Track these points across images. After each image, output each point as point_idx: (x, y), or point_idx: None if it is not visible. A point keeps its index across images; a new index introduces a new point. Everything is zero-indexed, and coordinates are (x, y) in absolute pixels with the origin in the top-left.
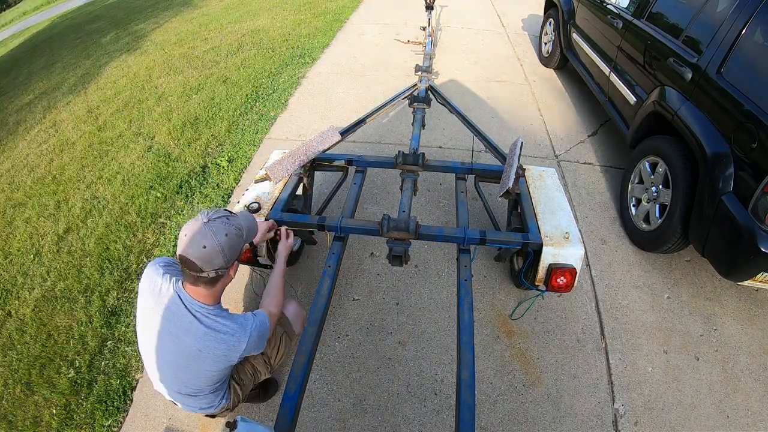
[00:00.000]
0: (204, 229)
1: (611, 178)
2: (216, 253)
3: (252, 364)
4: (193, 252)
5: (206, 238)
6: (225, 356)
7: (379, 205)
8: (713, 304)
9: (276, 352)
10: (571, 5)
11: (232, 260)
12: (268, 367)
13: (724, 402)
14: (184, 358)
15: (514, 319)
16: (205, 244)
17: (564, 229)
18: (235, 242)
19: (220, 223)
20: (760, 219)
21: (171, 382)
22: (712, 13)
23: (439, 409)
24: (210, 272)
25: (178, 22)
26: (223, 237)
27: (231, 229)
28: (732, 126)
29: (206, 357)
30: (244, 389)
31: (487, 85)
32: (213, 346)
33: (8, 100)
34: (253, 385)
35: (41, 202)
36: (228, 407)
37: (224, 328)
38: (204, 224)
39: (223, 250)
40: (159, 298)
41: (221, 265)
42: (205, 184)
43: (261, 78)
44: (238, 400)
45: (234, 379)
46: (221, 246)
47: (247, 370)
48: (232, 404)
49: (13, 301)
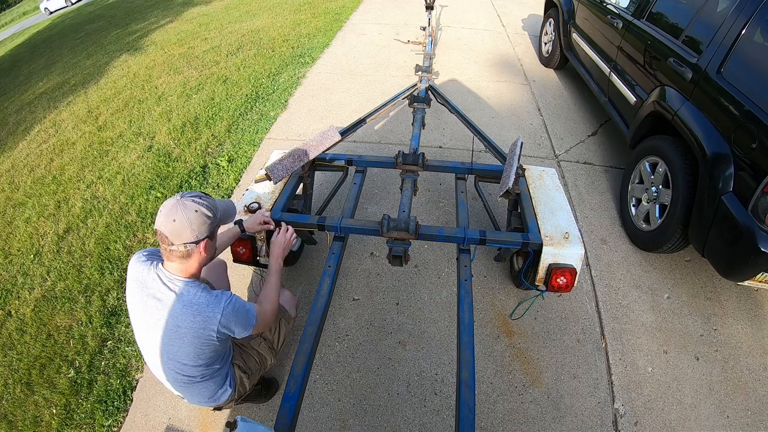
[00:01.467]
0: (176, 205)
1: (611, 178)
2: (184, 227)
3: (257, 350)
4: (164, 225)
5: (177, 213)
6: (202, 329)
7: (379, 205)
8: (713, 304)
9: (278, 336)
10: (571, 5)
11: (201, 236)
12: (273, 352)
13: (724, 402)
14: (168, 338)
15: (514, 319)
16: (175, 218)
17: (564, 229)
18: (204, 220)
19: (191, 200)
20: (760, 219)
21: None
22: (712, 13)
23: (439, 409)
24: (179, 246)
25: (178, 22)
26: (192, 213)
27: (201, 207)
28: (732, 126)
29: (185, 333)
30: (251, 378)
31: (487, 85)
32: (189, 319)
33: (8, 100)
34: (260, 373)
35: (41, 202)
36: (233, 398)
37: (198, 300)
38: (177, 201)
39: (192, 225)
40: (143, 284)
41: (189, 239)
42: (205, 184)
43: (261, 78)
44: (244, 390)
45: (240, 368)
46: (189, 221)
47: (254, 357)
48: (237, 395)
49: (13, 301)
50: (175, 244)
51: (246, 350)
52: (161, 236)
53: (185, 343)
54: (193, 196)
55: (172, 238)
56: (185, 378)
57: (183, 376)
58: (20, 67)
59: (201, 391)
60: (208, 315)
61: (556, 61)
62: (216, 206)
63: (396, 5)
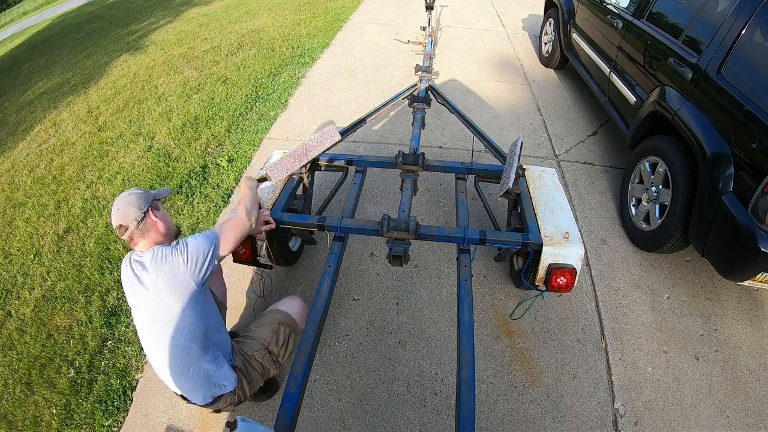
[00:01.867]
0: (115, 201)
1: (611, 178)
2: (126, 207)
3: (259, 361)
4: (114, 219)
5: (117, 204)
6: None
7: (379, 205)
8: (713, 304)
9: (284, 350)
10: (571, 5)
11: (143, 208)
12: (277, 364)
13: (724, 402)
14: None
15: (514, 319)
16: (117, 207)
17: (564, 229)
18: (138, 196)
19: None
20: (760, 219)
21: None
22: (712, 13)
23: (439, 409)
24: (132, 223)
25: (178, 22)
26: (126, 196)
27: (132, 191)
28: (732, 126)
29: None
30: (252, 385)
31: (487, 85)
32: (162, 270)
33: (8, 99)
34: (261, 381)
35: (41, 202)
36: (233, 400)
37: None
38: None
39: (130, 203)
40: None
41: (136, 214)
42: (205, 184)
43: (261, 78)
44: (244, 396)
45: (241, 372)
46: (128, 201)
47: (255, 366)
48: (237, 398)
49: (13, 301)
50: (129, 226)
51: (249, 360)
52: (118, 230)
53: (169, 298)
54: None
55: (124, 221)
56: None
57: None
58: (20, 67)
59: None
60: (172, 261)
61: (556, 61)
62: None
63: (396, 5)
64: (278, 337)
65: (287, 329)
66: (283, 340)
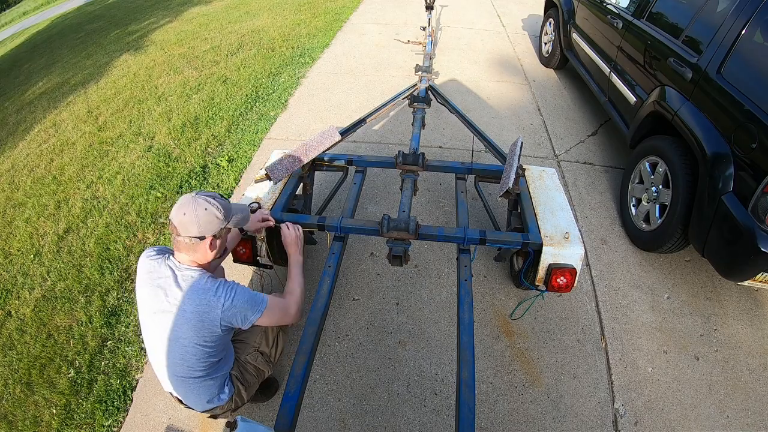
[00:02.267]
0: (190, 200)
1: (611, 178)
2: (192, 222)
3: (254, 365)
4: (175, 216)
5: (188, 207)
6: (206, 313)
7: (379, 205)
8: (713, 304)
9: (275, 349)
10: (571, 5)
11: (206, 233)
12: (270, 365)
13: (724, 402)
14: (174, 324)
15: (514, 319)
16: (185, 212)
17: (564, 229)
18: (211, 219)
19: (204, 199)
20: (760, 219)
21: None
22: (712, 13)
23: (439, 409)
24: (185, 238)
25: (178, 22)
26: (202, 210)
27: (211, 207)
28: (732, 126)
29: (190, 317)
30: (249, 390)
31: (487, 85)
32: (195, 303)
33: (8, 100)
34: (257, 384)
35: (41, 202)
36: (230, 407)
37: (205, 285)
38: (192, 197)
39: (199, 221)
40: (153, 274)
41: (195, 233)
42: (205, 184)
43: (261, 78)
44: (242, 402)
45: (238, 380)
46: (197, 217)
47: (250, 370)
48: (234, 405)
49: (13, 301)
50: (181, 235)
51: (243, 364)
52: (171, 226)
53: (189, 328)
54: (207, 196)
55: (180, 229)
56: (185, 369)
57: (184, 367)
58: (20, 67)
59: (198, 390)
60: (211, 301)
61: (556, 61)
62: (229, 209)
63: (396, 5)
64: (267, 337)
65: (275, 328)
66: (273, 340)
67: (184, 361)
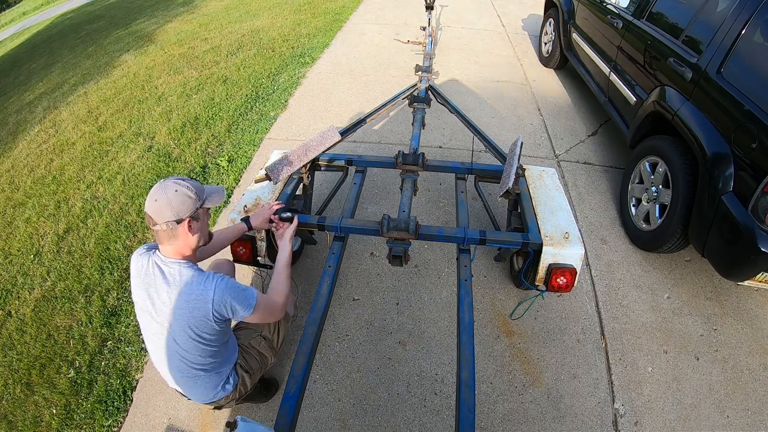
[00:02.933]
0: (159, 186)
1: (611, 178)
2: (164, 205)
3: (257, 349)
4: (148, 205)
5: (158, 193)
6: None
7: (379, 205)
8: (713, 304)
9: (277, 335)
10: (571, 5)
11: (182, 216)
12: (273, 351)
13: (724, 402)
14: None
15: (514, 319)
16: (156, 197)
17: (564, 229)
18: (184, 199)
19: (172, 182)
20: (760, 219)
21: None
22: (712, 13)
23: (439, 409)
24: (162, 225)
25: (178, 22)
26: (172, 192)
27: (181, 187)
28: (732, 126)
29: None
30: (253, 377)
31: (486, 85)
32: (184, 298)
33: (8, 100)
34: (261, 372)
35: (41, 202)
36: (234, 397)
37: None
38: (160, 183)
39: (171, 203)
40: (143, 274)
41: (170, 217)
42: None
43: (261, 78)
44: (245, 390)
45: (242, 368)
46: (169, 200)
47: (254, 356)
48: (238, 393)
49: (13, 301)
50: (158, 224)
51: (246, 350)
52: (147, 217)
53: (184, 324)
54: (175, 179)
55: (155, 217)
56: (187, 367)
57: (185, 364)
58: (20, 67)
59: (203, 384)
60: (201, 293)
61: (556, 61)
62: (201, 188)
63: (396, 5)
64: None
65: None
66: (274, 326)
67: (185, 358)
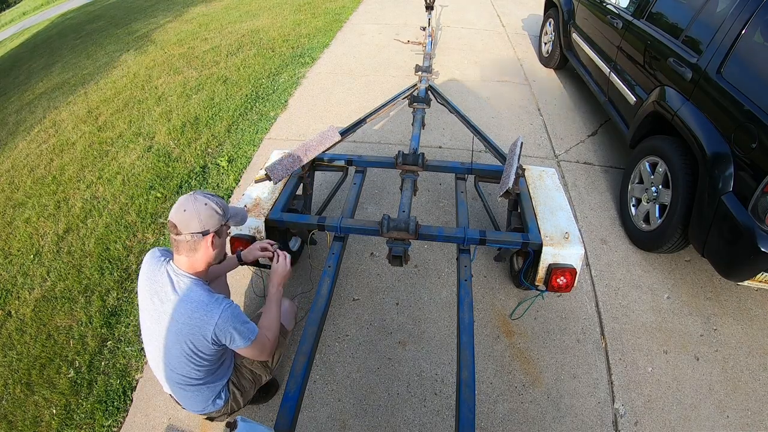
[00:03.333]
0: (189, 197)
1: (611, 178)
2: (193, 217)
3: (250, 369)
4: (175, 214)
5: (188, 204)
6: (198, 327)
7: (379, 205)
8: (713, 304)
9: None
10: (571, 5)
11: (207, 229)
12: (268, 370)
13: (724, 402)
14: (168, 333)
15: (514, 319)
16: (185, 208)
17: (564, 229)
18: (212, 214)
19: (203, 196)
20: (760, 219)
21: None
22: (712, 13)
23: (439, 409)
24: (187, 235)
25: (178, 22)
26: (202, 206)
27: (211, 202)
28: (732, 126)
29: (182, 328)
30: (245, 395)
31: (486, 85)
32: (188, 315)
33: (8, 100)
34: (254, 390)
35: (41, 202)
36: (226, 411)
37: (199, 298)
38: (191, 195)
39: (200, 215)
40: (152, 279)
41: (196, 229)
42: (205, 184)
43: (261, 78)
44: (238, 406)
45: (234, 385)
46: (198, 212)
47: (246, 375)
48: (230, 409)
49: (13, 301)
50: (182, 233)
51: (239, 369)
52: (171, 225)
53: (182, 340)
54: (206, 194)
55: (181, 227)
56: (180, 377)
57: (179, 375)
58: (20, 67)
59: (193, 396)
60: (205, 314)
61: (556, 61)
62: (226, 207)
63: (396, 5)
64: None
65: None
66: None
67: (178, 369)
